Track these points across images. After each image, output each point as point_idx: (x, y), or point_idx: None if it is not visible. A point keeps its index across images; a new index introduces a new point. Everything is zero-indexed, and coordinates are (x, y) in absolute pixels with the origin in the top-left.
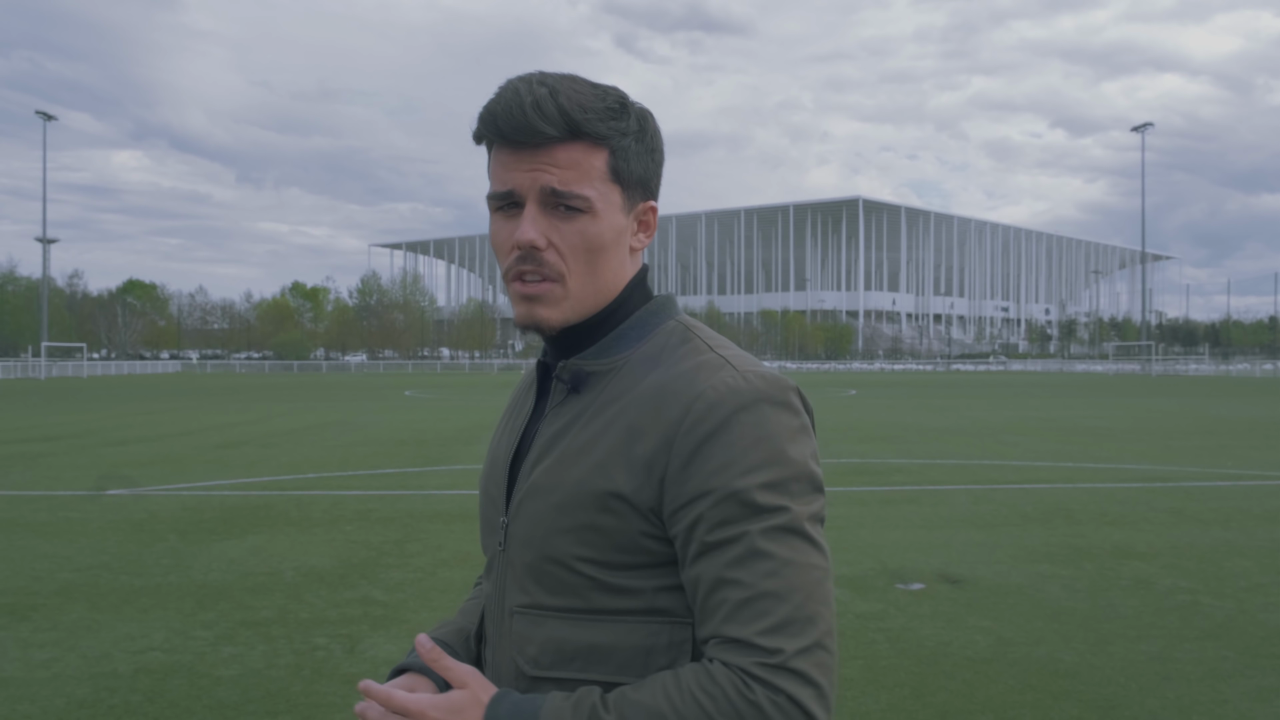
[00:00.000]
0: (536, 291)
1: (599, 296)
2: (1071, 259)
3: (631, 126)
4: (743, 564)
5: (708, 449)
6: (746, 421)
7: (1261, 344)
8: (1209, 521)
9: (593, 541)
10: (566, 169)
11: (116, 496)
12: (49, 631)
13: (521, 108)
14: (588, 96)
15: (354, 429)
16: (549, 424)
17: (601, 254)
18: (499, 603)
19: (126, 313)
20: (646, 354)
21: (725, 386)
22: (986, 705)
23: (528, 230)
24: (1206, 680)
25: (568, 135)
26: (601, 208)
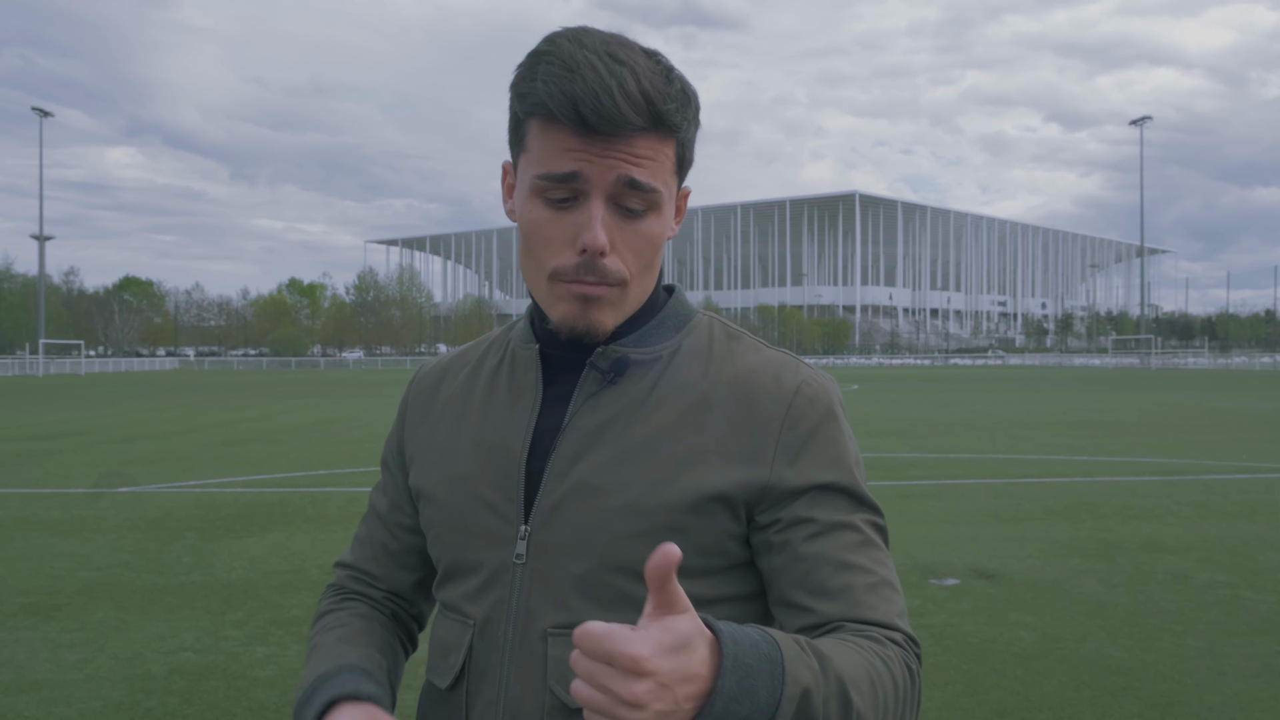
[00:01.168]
0: (596, 293)
1: (644, 295)
2: (1067, 253)
3: (693, 112)
4: (862, 550)
5: (815, 444)
6: (840, 419)
7: (1259, 337)
8: (1235, 515)
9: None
10: (648, 162)
11: (129, 494)
12: (77, 632)
13: (610, 93)
14: (659, 78)
15: (360, 425)
16: (586, 416)
17: (658, 253)
18: (518, 625)
19: (123, 310)
20: (694, 346)
21: (818, 384)
22: (1042, 703)
23: (599, 233)
24: (1262, 676)
25: (652, 127)
26: (665, 203)
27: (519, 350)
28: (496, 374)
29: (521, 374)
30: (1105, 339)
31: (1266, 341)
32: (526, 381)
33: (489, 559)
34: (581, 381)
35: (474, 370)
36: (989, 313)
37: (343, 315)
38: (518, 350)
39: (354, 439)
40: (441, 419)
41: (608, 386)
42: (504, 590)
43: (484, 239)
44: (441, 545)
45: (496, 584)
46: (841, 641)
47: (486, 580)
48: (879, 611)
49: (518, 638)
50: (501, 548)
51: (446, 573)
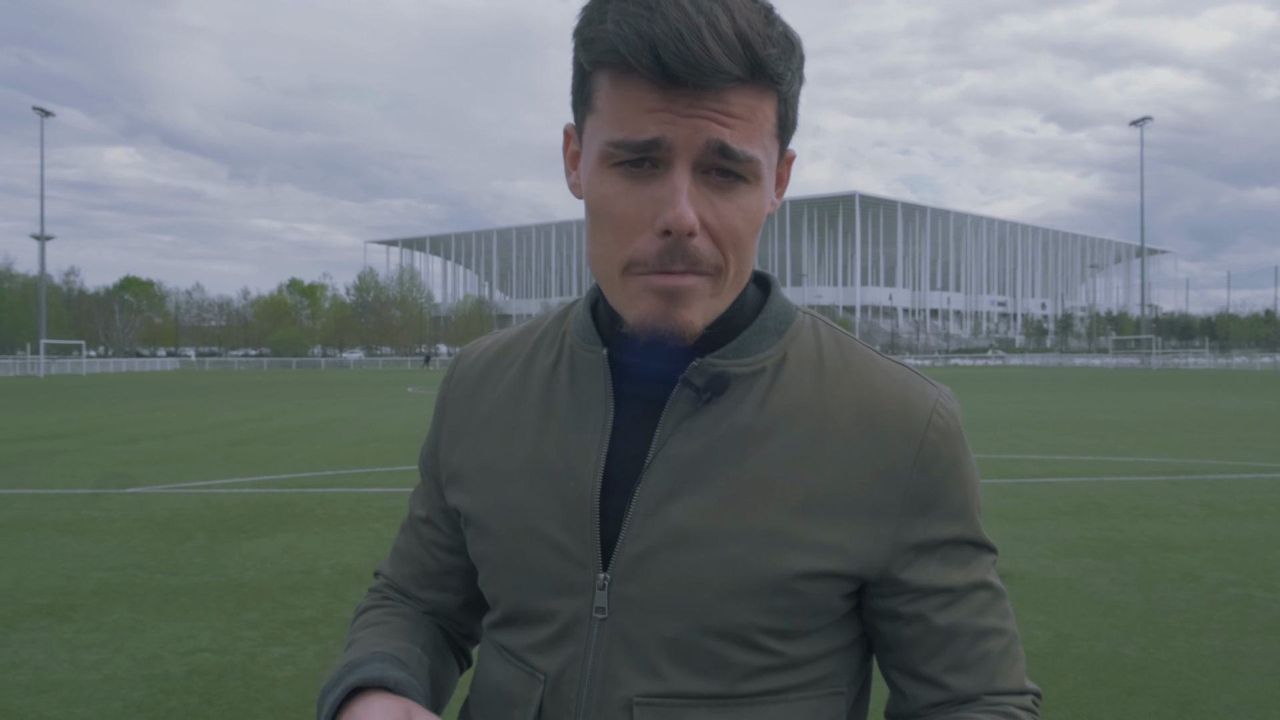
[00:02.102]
0: (684, 285)
1: (738, 287)
2: (1067, 253)
3: (797, 61)
4: (993, 608)
5: (947, 489)
6: (968, 451)
7: (1259, 337)
8: (1242, 514)
9: (785, 608)
10: (742, 119)
11: (137, 494)
12: (93, 633)
13: (699, 34)
14: (759, 19)
15: (364, 426)
16: (678, 444)
17: (755, 234)
18: (596, 690)
19: (124, 310)
20: (802, 356)
21: (948, 411)
22: (1060, 701)
23: (686, 210)
24: (1277, 675)
25: (750, 77)
26: (765, 172)
27: (581, 350)
28: (553, 377)
29: (585, 383)
30: (1105, 339)
31: (1266, 341)
32: (593, 393)
33: (561, 609)
34: (672, 400)
35: (524, 369)
36: (989, 313)
37: (343, 315)
38: (578, 350)
39: (358, 439)
40: (488, 429)
41: (704, 407)
42: (579, 647)
43: (484, 239)
44: (498, 585)
45: (570, 639)
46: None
47: (559, 633)
48: (1013, 679)
49: (595, 704)
50: (575, 597)
51: (507, 616)
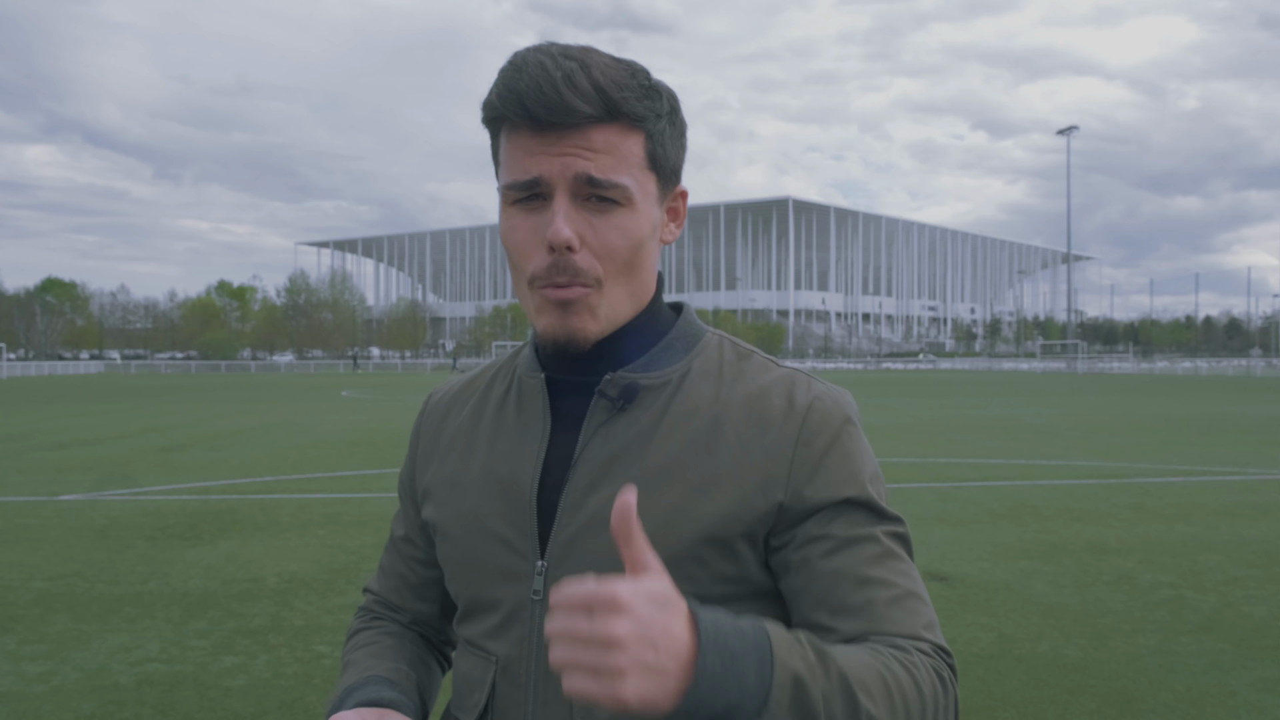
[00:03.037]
0: (570, 296)
1: (634, 301)
2: (996, 259)
3: (665, 107)
4: (882, 563)
5: (831, 460)
6: (854, 434)
7: (1180, 342)
8: (1171, 517)
9: (693, 575)
10: (604, 153)
11: (72, 501)
12: (37, 644)
13: (553, 83)
14: (619, 72)
15: (299, 430)
16: (597, 446)
17: (639, 252)
18: (540, 663)
19: (45, 312)
20: (704, 369)
21: (831, 399)
22: (1005, 701)
23: (562, 228)
24: (1210, 673)
25: (604, 115)
26: (639, 198)
27: (525, 378)
28: (504, 403)
29: (529, 403)
30: (1033, 344)
31: (1187, 347)
32: (534, 411)
33: (507, 596)
34: (591, 410)
35: (481, 399)
36: (920, 317)
37: (273, 318)
38: (524, 378)
39: (297, 445)
40: (450, 451)
41: (618, 414)
42: (524, 628)
43: (417, 241)
44: (458, 581)
45: (516, 621)
46: (855, 646)
47: (506, 617)
48: (903, 625)
49: (541, 675)
50: (518, 584)
51: (466, 609)
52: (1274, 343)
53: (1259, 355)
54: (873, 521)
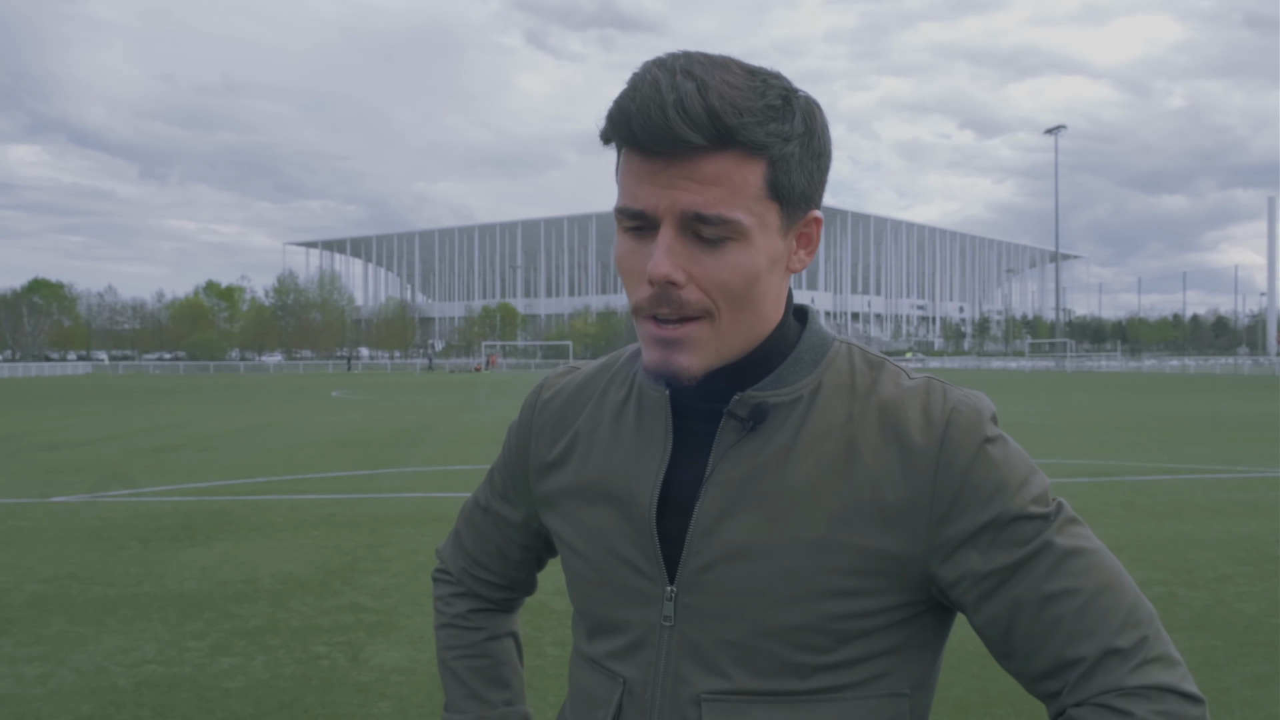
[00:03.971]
0: (674, 335)
1: (752, 334)
2: (984, 258)
3: (796, 129)
4: (1059, 571)
5: (972, 477)
6: (996, 439)
7: (1167, 340)
8: (1162, 515)
9: (832, 610)
10: (713, 185)
11: (64, 503)
12: (33, 646)
13: (662, 108)
14: (744, 93)
15: (291, 431)
16: (728, 469)
17: (754, 288)
18: (668, 689)
19: (32, 313)
20: (836, 383)
21: (969, 408)
22: (1002, 698)
23: (661, 264)
24: (1204, 669)
25: (716, 144)
26: (755, 232)
27: (647, 390)
28: (622, 413)
29: (650, 419)
30: (1021, 342)
31: (1175, 345)
32: (655, 428)
33: (635, 619)
34: (720, 431)
35: (598, 404)
36: (908, 316)
37: (262, 318)
38: (645, 390)
39: (288, 445)
40: (569, 457)
41: (748, 435)
42: (652, 652)
43: (406, 241)
44: (584, 598)
45: (645, 645)
46: None
47: (635, 641)
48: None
49: (667, 701)
50: (648, 608)
51: (593, 627)
52: (1261, 341)
53: (1246, 353)
54: (1035, 532)
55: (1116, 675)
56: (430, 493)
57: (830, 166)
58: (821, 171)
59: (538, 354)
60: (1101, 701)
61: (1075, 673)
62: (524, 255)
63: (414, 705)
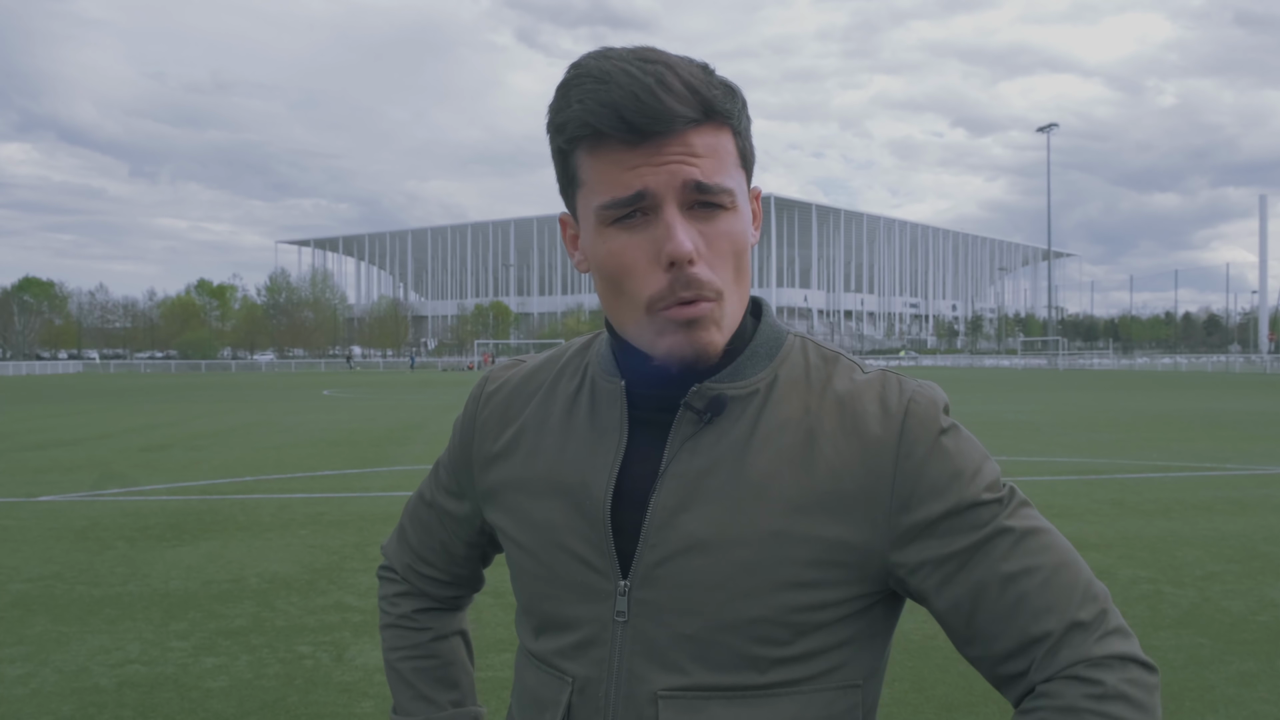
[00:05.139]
0: (698, 314)
1: (741, 309)
2: (977, 256)
3: (741, 101)
4: (1017, 551)
5: (929, 468)
6: (954, 430)
7: (1159, 338)
8: (1150, 513)
9: (791, 602)
10: (707, 156)
11: (51, 503)
12: (16, 645)
13: (650, 90)
14: (699, 70)
15: (280, 430)
16: (684, 460)
17: (744, 256)
18: (623, 687)
19: (23, 311)
20: (792, 376)
21: (925, 398)
22: (986, 697)
23: (683, 240)
24: (1189, 667)
25: (702, 117)
26: (740, 200)
27: (600, 382)
28: (574, 404)
29: (604, 410)
30: (1014, 340)
31: (1167, 343)
32: (610, 420)
33: (585, 615)
34: (677, 423)
35: (547, 395)
36: (901, 314)
37: (254, 317)
38: (599, 382)
39: (277, 445)
40: (515, 450)
41: (705, 427)
42: (604, 650)
43: (398, 240)
44: (529, 594)
45: (596, 643)
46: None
47: (585, 639)
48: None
49: (622, 700)
50: (599, 604)
51: (539, 625)
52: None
53: (1238, 351)
54: (990, 517)
55: (1083, 647)
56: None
57: None
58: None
59: (530, 352)
60: (1072, 674)
61: (1042, 649)
62: (516, 253)
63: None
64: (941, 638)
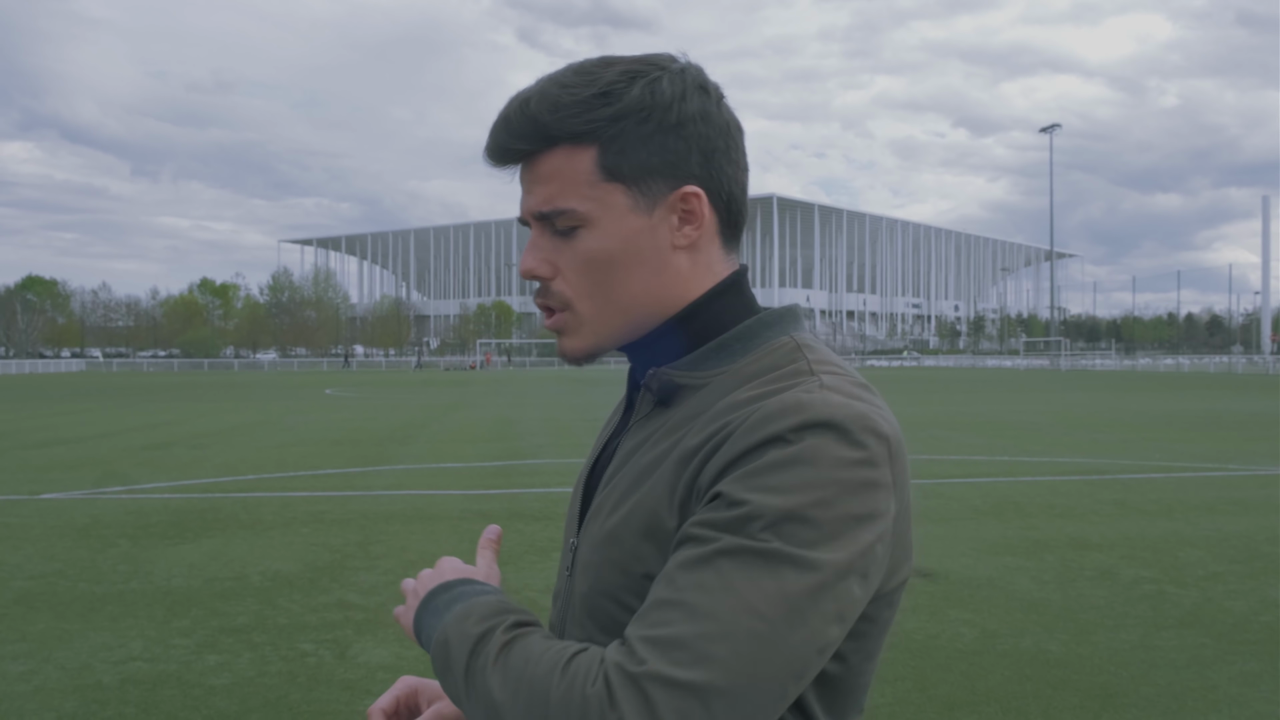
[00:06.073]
0: (551, 325)
1: (635, 315)
2: (979, 256)
3: (629, 107)
4: (689, 568)
5: (741, 461)
6: (795, 441)
7: (1162, 339)
8: (1153, 513)
9: (634, 572)
10: (547, 182)
11: (53, 500)
12: (18, 643)
13: (497, 127)
14: (569, 89)
15: (283, 429)
16: (630, 438)
17: (613, 268)
18: (566, 636)
19: (26, 310)
20: (746, 371)
21: (795, 401)
22: (989, 696)
23: (525, 259)
24: (1192, 667)
25: (542, 144)
26: (599, 215)
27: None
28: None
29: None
30: (1016, 341)
31: (1169, 343)
32: (619, 403)
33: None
34: (638, 404)
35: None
36: (903, 314)
37: (257, 316)
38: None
39: (279, 443)
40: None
41: (657, 409)
42: (560, 601)
43: (400, 239)
44: None
45: (560, 594)
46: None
47: (557, 589)
48: (635, 626)
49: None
50: (566, 558)
51: None
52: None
53: (1240, 352)
54: (724, 527)
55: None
56: (421, 490)
57: (705, 134)
58: (681, 141)
59: (533, 351)
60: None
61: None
62: (519, 253)
63: None
64: (944, 637)
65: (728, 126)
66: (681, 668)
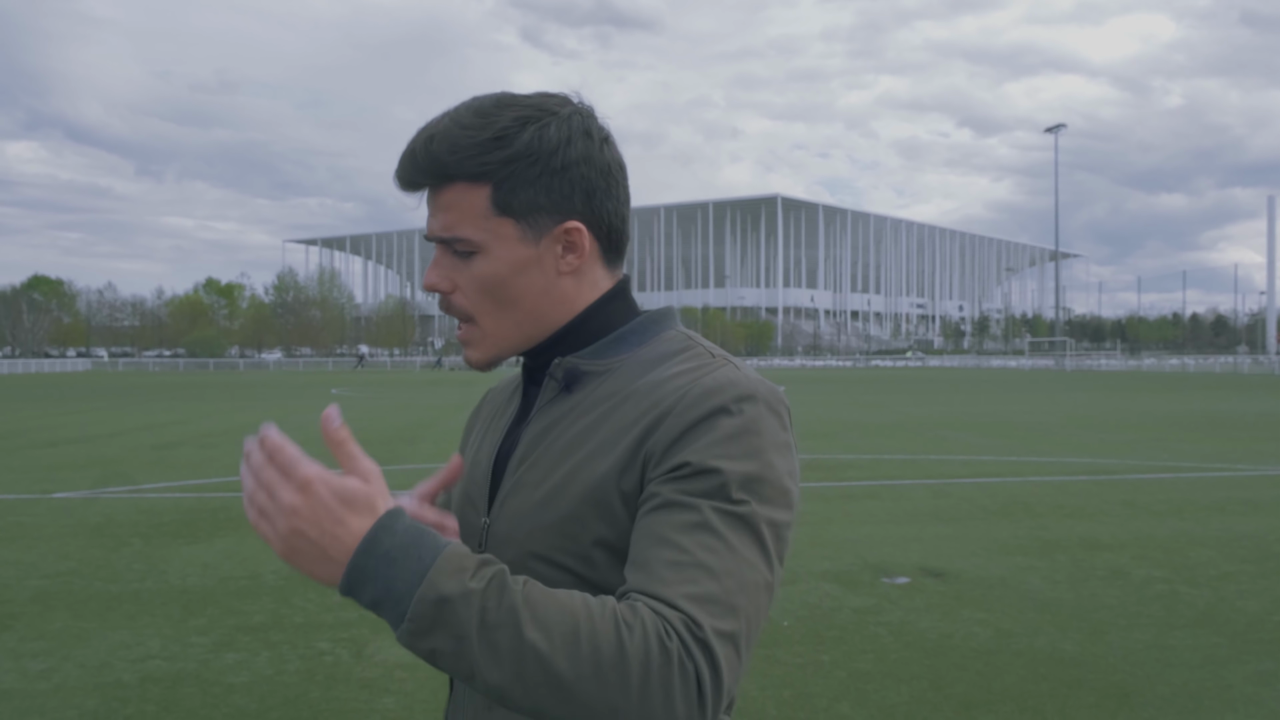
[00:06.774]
0: (461, 337)
1: (527, 328)
2: (983, 256)
3: (520, 152)
4: (687, 531)
5: (696, 430)
6: (738, 412)
7: (1167, 339)
8: (1162, 513)
9: (575, 534)
10: (447, 211)
11: (66, 499)
12: (37, 641)
13: (403, 159)
14: (468, 131)
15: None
16: (537, 422)
17: (505, 290)
18: None
19: (32, 309)
20: (645, 357)
21: (725, 378)
22: (1005, 695)
23: (429, 275)
24: (1206, 666)
25: (444, 180)
26: (492, 245)
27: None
28: (514, 393)
29: (510, 390)
30: (1021, 341)
31: (1174, 344)
32: (516, 395)
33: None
34: (542, 391)
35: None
36: (908, 314)
37: (262, 316)
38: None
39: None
40: (474, 436)
41: (561, 394)
42: None
43: (405, 239)
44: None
45: None
46: (574, 593)
47: None
48: (669, 588)
49: None
50: (474, 539)
51: None
52: (1260, 340)
53: (1245, 352)
54: (706, 494)
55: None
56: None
57: (587, 175)
58: (565, 183)
59: None
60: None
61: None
62: None
63: (419, 701)
64: (958, 636)
65: (609, 167)
66: (722, 619)
